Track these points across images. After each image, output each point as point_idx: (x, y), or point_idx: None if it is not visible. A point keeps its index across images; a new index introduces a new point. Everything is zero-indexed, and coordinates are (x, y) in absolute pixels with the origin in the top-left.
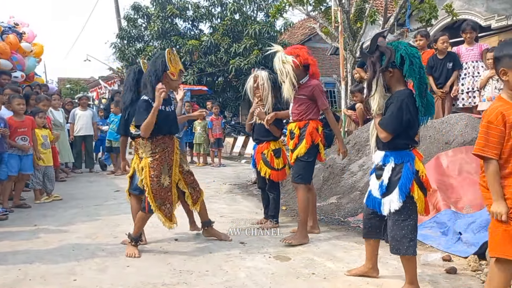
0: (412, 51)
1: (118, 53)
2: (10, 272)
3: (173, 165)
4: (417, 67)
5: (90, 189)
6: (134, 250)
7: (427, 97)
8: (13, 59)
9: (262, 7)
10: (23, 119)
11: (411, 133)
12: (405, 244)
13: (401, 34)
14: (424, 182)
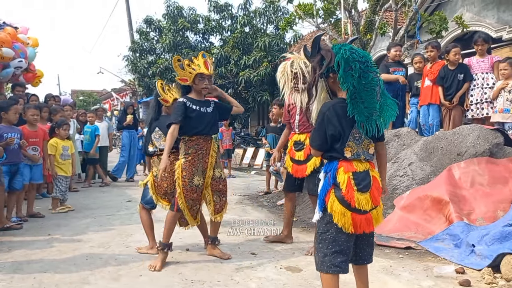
0: (354, 55)
1: (130, 65)
2: (25, 281)
3: (208, 168)
4: (357, 72)
5: (102, 199)
6: (157, 262)
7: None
8: (15, 47)
9: (271, 20)
10: (36, 129)
11: (336, 146)
12: (319, 258)
13: (411, 45)
14: (343, 196)
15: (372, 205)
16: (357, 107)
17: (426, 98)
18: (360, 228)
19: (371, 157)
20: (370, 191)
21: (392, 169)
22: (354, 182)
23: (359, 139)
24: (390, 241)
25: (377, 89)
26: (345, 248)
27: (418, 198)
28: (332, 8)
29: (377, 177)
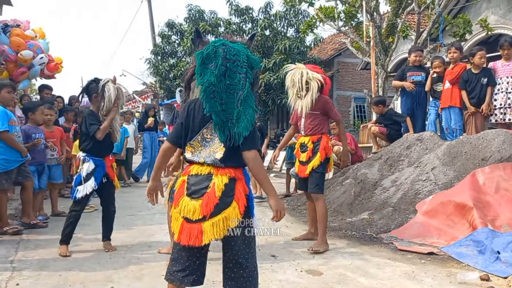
0: (219, 51)
1: (152, 68)
2: (51, 278)
3: None
4: (219, 70)
5: (124, 199)
6: None
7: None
8: (30, 46)
9: (292, 23)
10: (53, 130)
11: (183, 145)
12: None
13: (434, 49)
14: (174, 200)
15: (200, 215)
16: (214, 107)
17: (447, 101)
18: (183, 238)
19: (214, 162)
20: (202, 199)
21: (415, 173)
22: (186, 186)
23: (210, 141)
24: (412, 246)
25: (240, 94)
26: (179, 257)
27: (441, 203)
28: (354, 11)
29: (218, 184)
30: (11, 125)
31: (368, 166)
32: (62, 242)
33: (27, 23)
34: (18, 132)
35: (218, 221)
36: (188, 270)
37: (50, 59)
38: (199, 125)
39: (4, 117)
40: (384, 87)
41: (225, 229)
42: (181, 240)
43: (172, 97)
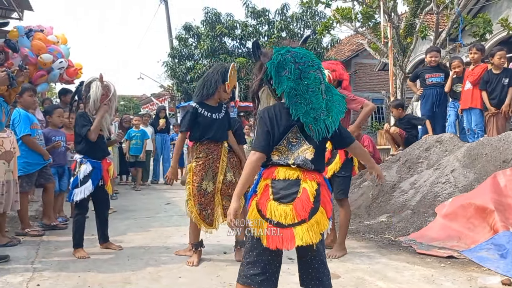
0: (288, 58)
1: (169, 71)
2: (71, 279)
3: (218, 172)
4: (295, 74)
5: (142, 201)
6: (193, 258)
7: (317, 102)
8: (50, 50)
9: (309, 25)
10: (72, 133)
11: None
12: (240, 269)
13: (454, 49)
14: (258, 204)
15: (293, 220)
16: (301, 109)
17: (467, 102)
18: (273, 242)
19: (305, 162)
20: (294, 203)
21: (434, 175)
22: (271, 190)
23: (296, 145)
24: (431, 250)
25: (321, 87)
26: (259, 260)
27: (461, 206)
28: (371, 12)
29: (310, 190)
30: (33, 128)
31: (386, 168)
32: (75, 246)
33: (51, 29)
34: (40, 135)
35: (312, 225)
36: (268, 274)
37: (70, 64)
38: (284, 130)
39: (26, 121)
40: (402, 88)
41: (319, 234)
42: (272, 244)
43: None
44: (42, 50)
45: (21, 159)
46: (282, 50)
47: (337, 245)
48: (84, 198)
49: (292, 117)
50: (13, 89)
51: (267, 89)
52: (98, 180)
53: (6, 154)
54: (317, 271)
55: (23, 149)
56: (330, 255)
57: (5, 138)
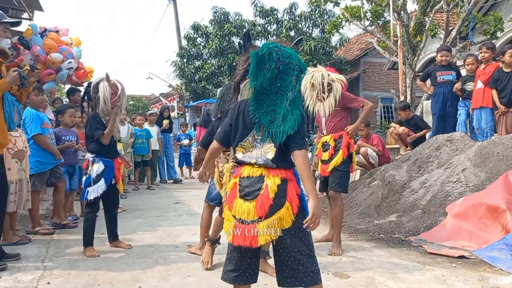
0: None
1: (178, 70)
2: (81, 277)
3: None
4: (272, 73)
5: (151, 200)
6: (207, 258)
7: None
8: (61, 50)
9: (317, 24)
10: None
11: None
12: None
13: (464, 47)
14: (227, 202)
15: (254, 216)
16: (261, 108)
17: (478, 101)
18: (236, 240)
19: (266, 162)
20: (256, 200)
21: (445, 175)
22: (238, 188)
23: (261, 142)
24: (442, 250)
25: (289, 95)
26: (231, 257)
27: (472, 206)
28: (380, 10)
29: (271, 186)
30: (44, 127)
31: (396, 167)
32: (85, 245)
33: (66, 30)
34: (51, 134)
35: (273, 221)
36: (241, 270)
37: (81, 66)
38: (250, 126)
39: (37, 120)
40: (412, 87)
41: (279, 230)
42: (235, 241)
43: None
44: (53, 49)
45: (33, 158)
46: (271, 45)
47: (335, 242)
48: (97, 196)
49: (250, 113)
50: (25, 89)
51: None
52: (110, 178)
53: (18, 153)
54: (291, 268)
55: (34, 148)
56: (332, 253)
57: (18, 137)
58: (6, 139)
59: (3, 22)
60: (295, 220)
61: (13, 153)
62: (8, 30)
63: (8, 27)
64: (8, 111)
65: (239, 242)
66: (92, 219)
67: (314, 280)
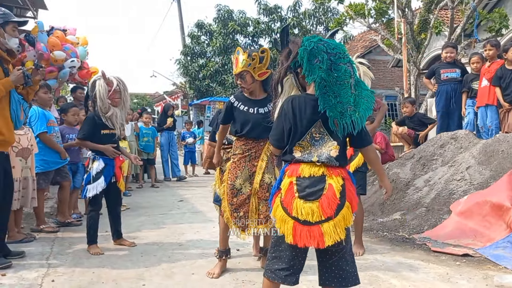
0: (321, 47)
1: (182, 69)
2: (85, 275)
3: (256, 172)
4: (326, 64)
5: (155, 198)
6: (215, 269)
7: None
8: (65, 48)
9: (321, 21)
10: None
11: (288, 144)
12: (266, 263)
13: (469, 45)
14: (282, 202)
15: (320, 217)
16: (328, 101)
17: (483, 99)
18: (301, 240)
19: (330, 160)
20: (320, 201)
21: (449, 173)
22: (296, 188)
23: (319, 140)
24: (446, 248)
25: (351, 81)
26: (284, 256)
27: (477, 204)
28: (385, 8)
29: (336, 186)
30: (50, 126)
31: (400, 165)
32: (89, 243)
33: (74, 30)
34: (57, 132)
35: (339, 221)
36: (292, 269)
37: (85, 66)
38: (307, 124)
39: (43, 118)
40: (416, 84)
41: (344, 230)
42: (300, 242)
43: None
44: (57, 47)
45: (38, 156)
46: (314, 38)
47: (356, 243)
48: (97, 194)
49: (319, 108)
50: (31, 87)
51: (291, 78)
52: (110, 176)
53: (23, 151)
54: (339, 268)
55: (40, 147)
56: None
57: (22, 135)
58: (13, 137)
59: (11, 21)
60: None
61: (17, 151)
62: (16, 29)
63: (16, 26)
64: (14, 109)
65: (302, 243)
66: (95, 217)
67: (357, 280)
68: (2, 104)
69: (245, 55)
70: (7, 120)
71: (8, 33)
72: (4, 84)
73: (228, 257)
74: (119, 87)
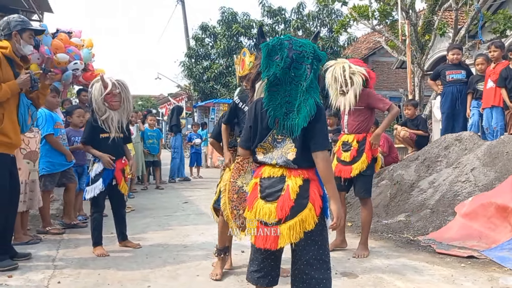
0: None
1: (186, 71)
2: (90, 276)
3: None
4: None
5: (160, 200)
6: (216, 270)
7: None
8: (68, 51)
9: (325, 23)
10: None
11: (253, 146)
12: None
13: (473, 46)
14: (248, 203)
15: (275, 218)
16: (274, 100)
17: (489, 101)
18: (259, 242)
19: (287, 163)
20: (277, 201)
21: (453, 174)
22: (259, 189)
23: (281, 142)
24: (451, 249)
25: (304, 84)
26: (255, 258)
27: (482, 205)
28: (388, 9)
29: (293, 186)
30: (57, 128)
31: (404, 167)
32: (94, 245)
33: (79, 32)
34: (63, 134)
35: (295, 224)
36: (263, 271)
37: (90, 68)
38: (268, 126)
39: (50, 120)
40: (420, 86)
41: (301, 232)
42: (257, 243)
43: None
44: (60, 50)
45: (44, 158)
46: (284, 36)
47: (361, 245)
48: (99, 196)
49: (264, 106)
50: (42, 92)
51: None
52: (109, 179)
53: (31, 153)
54: (303, 273)
55: (46, 149)
56: (357, 255)
57: (31, 138)
58: (19, 140)
59: (29, 29)
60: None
61: (25, 154)
62: (32, 37)
63: (33, 34)
64: (22, 113)
65: (259, 244)
66: (98, 219)
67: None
68: (10, 107)
69: (252, 57)
70: (15, 124)
71: (24, 40)
72: (10, 86)
73: (227, 255)
74: (118, 90)
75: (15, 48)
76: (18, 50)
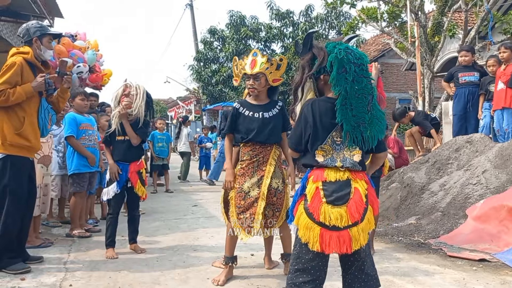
0: (349, 56)
1: (195, 74)
2: (102, 279)
3: (265, 176)
4: (352, 76)
5: (170, 203)
6: (220, 276)
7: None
8: (71, 54)
9: (333, 25)
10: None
11: (310, 148)
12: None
13: (483, 47)
14: (307, 208)
15: (348, 222)
16: (345, 114)
17: (500, 102)
18: (329, 247)
19: (354, 165)
20: (347, 205)
21: (464, 177)
22: (323, 193)
23: (341, 144)
24: (462, 253)
25: (369, 98)
26: (309, 267)
27: (493, 208)
28: (397, 11)
29: (361, 189)
30: (82, 129)
31: (414, 169)
32: (107, 246)
33: (84, 35)
34: (90, 135)
35: (365, 225)
36: (318, 281)
37: (97, 70)
38: (328, 127)
39: (72, 123)
40: (430, 88)
41: (367, 234)
42: (328, 249)
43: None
44: (63, 54)
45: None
46: (341, 46)
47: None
48: (114, 198)
49: (337, 119)
50: (61, 96)
51: (311, 83)
52: (123, 181)
53: (44, 158)
54: (363, 272)
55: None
56: None
57: (44, 142)
58: (39, 144)
59: (48, 34)
60: None
61: (39, 158)
62: (51, 41)
63: (51, 38)
64: (42, 117)
65: (331, 249)
66: (111, 221)
67: (378, 282)
68: (31, 110)
69: (265, 58)
70: (35, 127)
71: (44, 45)
72: (24, 88)
73: (235, 264)
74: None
75: (36, 54)
76: (39, 56)
